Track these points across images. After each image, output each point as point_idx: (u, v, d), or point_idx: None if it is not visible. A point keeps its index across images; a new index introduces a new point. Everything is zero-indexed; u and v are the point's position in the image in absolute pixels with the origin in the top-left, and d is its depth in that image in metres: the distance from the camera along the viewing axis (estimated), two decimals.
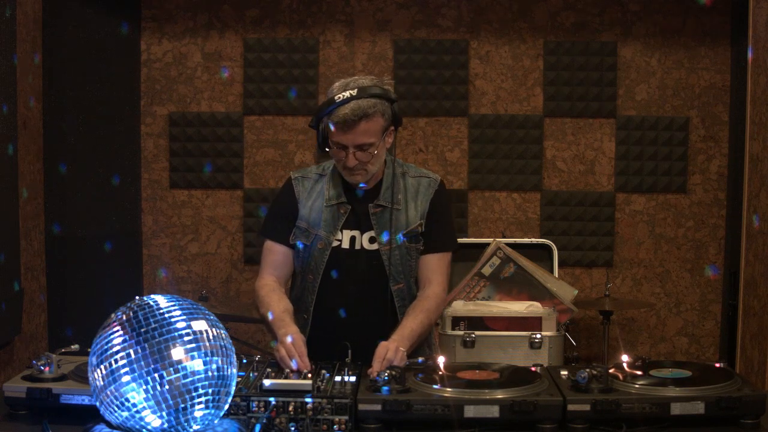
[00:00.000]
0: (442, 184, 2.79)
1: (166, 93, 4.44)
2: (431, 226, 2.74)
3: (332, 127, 2.56)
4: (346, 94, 2.54)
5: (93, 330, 1.91)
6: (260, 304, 2.65)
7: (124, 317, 1.85)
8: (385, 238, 2.67)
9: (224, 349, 1.89)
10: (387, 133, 2.62)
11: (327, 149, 2.63)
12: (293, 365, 2.30)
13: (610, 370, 2.23)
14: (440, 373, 2.27)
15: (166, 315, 1.84)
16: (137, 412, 1.80)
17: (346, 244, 2.70)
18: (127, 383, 1.79)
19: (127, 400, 1.79)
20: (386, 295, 2.69)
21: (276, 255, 2.74)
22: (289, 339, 2.38)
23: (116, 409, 1.82)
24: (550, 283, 3.88)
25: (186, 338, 1.83)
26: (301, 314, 2.73)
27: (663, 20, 4.36)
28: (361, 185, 2.70)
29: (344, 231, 2.70)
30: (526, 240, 4.19)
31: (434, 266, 2.74)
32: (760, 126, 3.44)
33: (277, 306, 2.59)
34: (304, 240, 2.71)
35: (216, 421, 1.93)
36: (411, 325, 2.57)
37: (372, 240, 2.70)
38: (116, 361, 1.80)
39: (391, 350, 2.39)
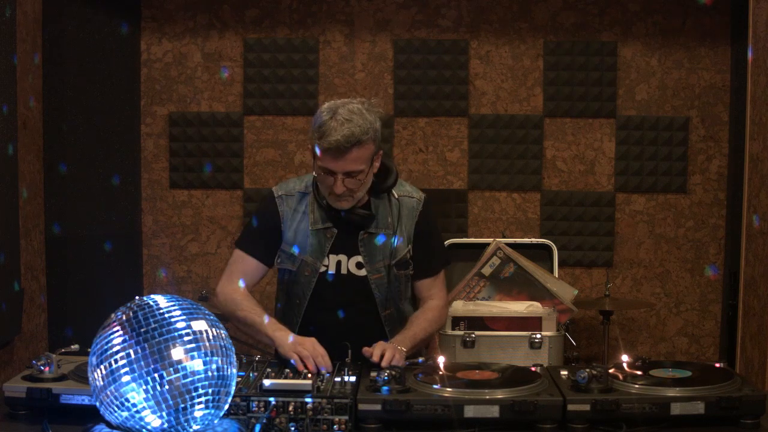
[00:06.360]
0: (427, 202, 2.73)
1: (166, 93, 4.44)
2: (421, 251, 2.70)
3: (321, 153, 2.47)
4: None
5: (93, 330, 1.91)
6: (237, 307, 2.58)
7: (124, 317, 1.85)
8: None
9: (224, 349, 1.89)
10: (375, 157, 2.55)
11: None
12: (322, 367, 2.30)
13: (610, 370, 2.23)
14: (440, 373, 2.27)
15: (166, 315, 1.84)
16: (137, 412, 1.80)
17: (332, 269, 2.65)
18: (127, 383, 1.79)
19: (127, 400, 1.79)
20: (375, 320, 2.67)
21: (249, 266, 2.67)
22: (299, 340, 2.37)
23: (116, 409, 1.82)
24: (550, 283, 3.88)
25: (186, 338, 1.83)
26: None
27: (663, 20, 4.36)
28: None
29: (330, 255, 2.65)
30: (526, 240, 4.19)
31: (431, 285, 2.75)
32: (760, 126, 3.43)
33: (262, 311, 2.56)
34: (290, 266, 2.66)
35: (216, 421, 1.93)
36: (414, 329, 2.59)
37: (359, 266, 2.65)
38: (116, 361, 1.80)
39: (389, 349, 2.40)
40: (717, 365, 2.31)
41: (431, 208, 2.76)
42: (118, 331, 1.83)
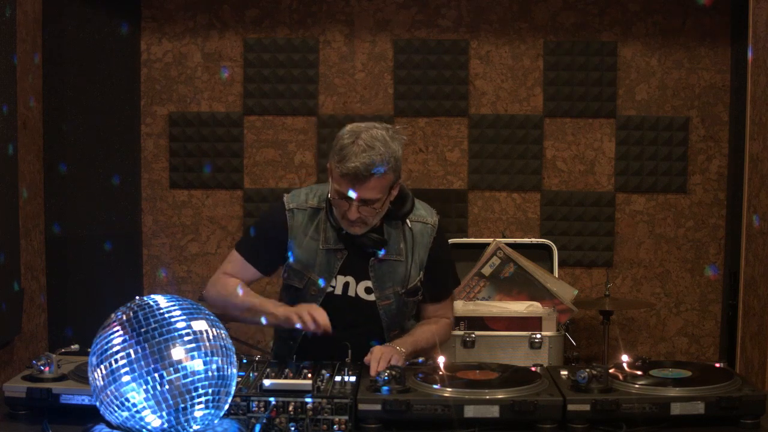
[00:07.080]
0: (440, 227, 2.67)
1: (166, 93, 4.44)
2: (433, 277, 2.65)
3: (339, 176, 2.39)
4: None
5: (93, 330, 1.91)
6: (233, 295, 2.55)
7: (124, 317, 1.85)
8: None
9: (224, 349, 1.89)
10: (393, 186, 2.48)
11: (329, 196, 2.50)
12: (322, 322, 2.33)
13: (610, 370, 2.23)
14: (440, 373, 2.27)
15: (166, 315, 1.84)
16: (137, 412, 1.80)
17: (339, 290, 2.60)
18: (127, 383, 1.79)
19: (127, 400, 1.79)
20: (379, 341, 2.60)
21: (245, 271, 2.62)
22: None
23: (116, 409, 1.82)
24: (550, 283, 3.88)
25: (186, 338, 1.83)
26: (287, 341, 2.66)
27: (663, 20, 4.37)
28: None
29: (338, 276, 2.59)
30: (526, 240, 4.19)
31: (439, 307, 2.72)
32: (760, 126, 3.43)
33: (259, 296, 2.56)
34: (297, 283, 2.60)
35: (216, 421, 1.93)
36: (416, 336, 2.59)
37: (368, 290, 2.61)
38: (116, 361, 1.80)
39: (386, 351, 2.39)
40: (717, 365, 2.31)
41: (444, 232, 2.70)
42: (118, 331, 1.83)
